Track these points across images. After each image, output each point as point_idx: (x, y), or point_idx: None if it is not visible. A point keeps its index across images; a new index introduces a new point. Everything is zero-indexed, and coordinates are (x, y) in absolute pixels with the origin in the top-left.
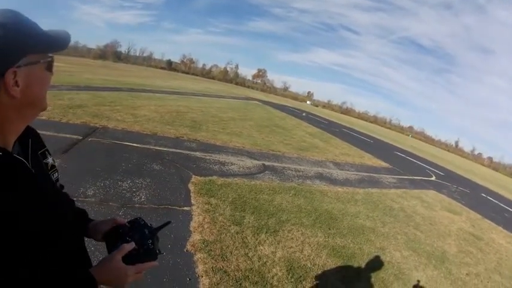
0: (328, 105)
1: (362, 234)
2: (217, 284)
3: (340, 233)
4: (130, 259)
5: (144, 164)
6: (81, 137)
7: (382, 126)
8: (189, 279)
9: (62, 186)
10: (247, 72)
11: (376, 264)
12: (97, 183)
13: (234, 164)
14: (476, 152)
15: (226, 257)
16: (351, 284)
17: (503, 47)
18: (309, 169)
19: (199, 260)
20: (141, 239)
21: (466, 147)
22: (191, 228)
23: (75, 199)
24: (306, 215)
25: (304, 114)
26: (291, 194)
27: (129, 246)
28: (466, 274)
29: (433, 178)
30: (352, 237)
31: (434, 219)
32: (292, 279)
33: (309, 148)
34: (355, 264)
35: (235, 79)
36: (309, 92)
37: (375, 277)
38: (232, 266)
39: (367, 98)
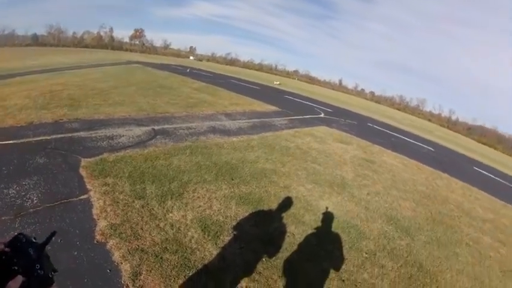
0: (212, 58)
1: (265, 177)
2: (139, 265)
3: (244, 181)
4: None
5: (26, 161)
6: None
7: (268, 72)
8: (109, 270)
9: None
10: (123, 34)
11: (284, 202)
12: None
13: (123, 135)
14: (359, 88)
15: (138, 235)
16: (266, 225)
17: None
18: (201, 125)
19: (113, 246)
20: (27, 266)
21: (350, 84)
22: (94, 216)
23: None
24: (207, 170)
25: (188, 70)
26: (187, 154)
27: (16, 283)
28: (367, 194)
29: (322, 115)
30: (256, 182)
31: (329, 151)
32: (210, 237)
33: (197, 104)
34: (265, 207)
35: (111, 44)
36: (191, 47)
37: (286, 214)
38: (148, 242)
39: (252, 47)
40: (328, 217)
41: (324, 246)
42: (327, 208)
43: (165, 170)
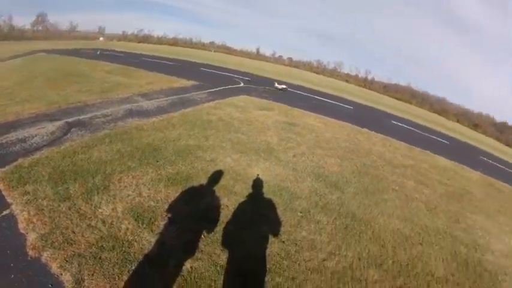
0: (123, 37)
1: (190, 154)
2: (79, 271)
3: (169, 161)
4: None
5: None
6: None
7: (183, 46)
8: (51, 285)
9: None
10: (25, 21)
11: (213, 176)
12: None
13: (36, 135)
14: (277, 55)
15: (71, 239)
16: (198, 202)
17: None
18: (118, 110)
19: (48, 258)
20: None
21: (267, 52)
22: (22, 231)
23: None
24: (130, 157)
25: (98, 52)
26: (107, 143)
27: None
28: (293, 156)
29: (242, 84)
30: (181, 161)
31: (251, 119)
32: (144, 225)
33: (112, 88)
34: (195, 184)
35: (11, 33)
36: (100, 27)
37: (217, 187)
38: (83, 245)
39: (166, 22)
40: (258, 184)
41: (259, 212)
42: (256, 175)
43: (86, 164)
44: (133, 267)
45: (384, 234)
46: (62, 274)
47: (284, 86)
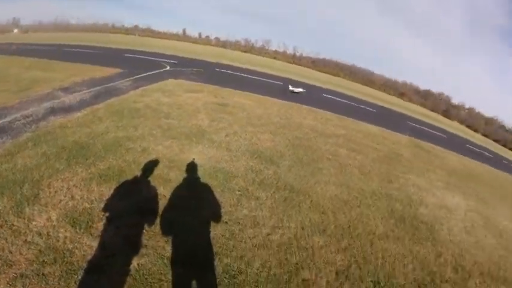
0: (40, 27)
1: (120, 147)
2: None
3: (99, 157)
4: None
5: None
6: None
7: (105, 32)
8: None
9: None
10: None
11: (146, 166)
12: None
13: None
14: (203, 36)
15: (10, 260)
16: (135, 196)
17: None
18: (39, 109)
19: None
20: None
21: (194, 33)
22: None
23: None
24: (57, 159)
25: (14, 46)
26: (30, 147)
27: None
28: (226, 136)
29: (168, 68)
30: (112, 155)
31: (180, 103)
32: (82, 230)
33: (30, 85)
34: (129, 177)
35: None
36: (14, 18)
37: (152, 177)
38: (23, 264)
39: (83, 7)
40: (193, 168)
41: (197, 197)
42: (191, 160)
43: (11, 174)
44: (79, 277)
45: (323, 202)
46: None
47: (301, 90)
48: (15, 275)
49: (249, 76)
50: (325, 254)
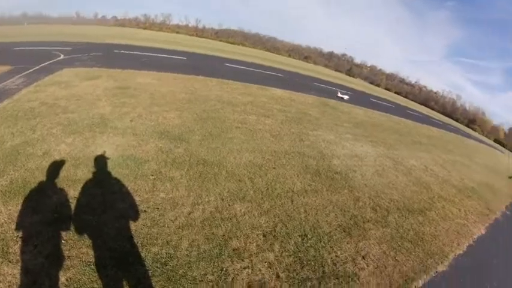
0: None
1: (19, 155)
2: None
3: None
4: None
5: None
6: None
7: None
8: None
9: None
10: None
11: (51, 170)
12: None
13: None
14: (99, 16)
15: None
16: (44, 206)
17: None
18: None
19: None
20: None
21: (89, 15)
22: None
23: None
24: None
25: None
26: None
27: None
28: (130, 121)
29: (62, 57)
30: (12, 166)
31: (79, 94)
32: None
33: None
34: (35, 187)
35: None
36: None
37: (59, 181)
38: None
39: None
40: (101, 162)
41: (110, 190)
42: (98, 153)
43: None
44: None
45: (238, 170)
46: None
47: (347, 97)
48: None
49: (150, 54)
50: (249, 219)
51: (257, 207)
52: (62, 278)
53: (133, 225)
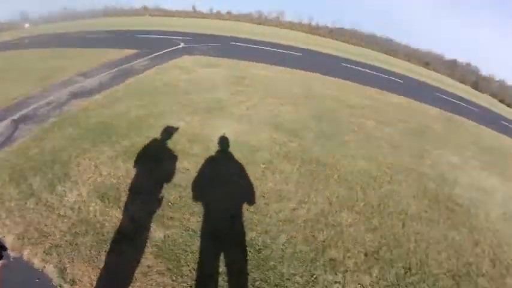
0: (50, 19)
1: (142, 124)
2: (60, 261)
3: (123, 135)
4: None
5: None
6: None
7: (114, 16)
8: (38, 279)
9: None
10: None
11: (168, 142)
12: None
13: None
14: (214, 11)
15: (46, 232)
16: (158, 170)
17: None
18: (60, 95)
19: (29, 255)
20: None
21: (204, 9)
22: None
23: None
24: (82, 140)
25: (27, 40)
26: (56, 131)
27: None
28: (246, 109)
29: (182, 45)
30: (135, 132)
31: (198, 78)
32: (111, 204)
33: (49, 74)
34: (152, 152)
35: None
36: (22, 13)
37: (175, 152)
38: (58, 236)
39: None
40: (216, 142)
41: (222, 170)
42: (214, 133)
43: (41, 157)
44: (108, 246)
45: (351, 176)
46: (44, 267)
47: None
48: (50, 245)
49: (265, 48)
50: (354, 232)
51: (365, 222)
52: (160, 234)
53: (237, 206)
